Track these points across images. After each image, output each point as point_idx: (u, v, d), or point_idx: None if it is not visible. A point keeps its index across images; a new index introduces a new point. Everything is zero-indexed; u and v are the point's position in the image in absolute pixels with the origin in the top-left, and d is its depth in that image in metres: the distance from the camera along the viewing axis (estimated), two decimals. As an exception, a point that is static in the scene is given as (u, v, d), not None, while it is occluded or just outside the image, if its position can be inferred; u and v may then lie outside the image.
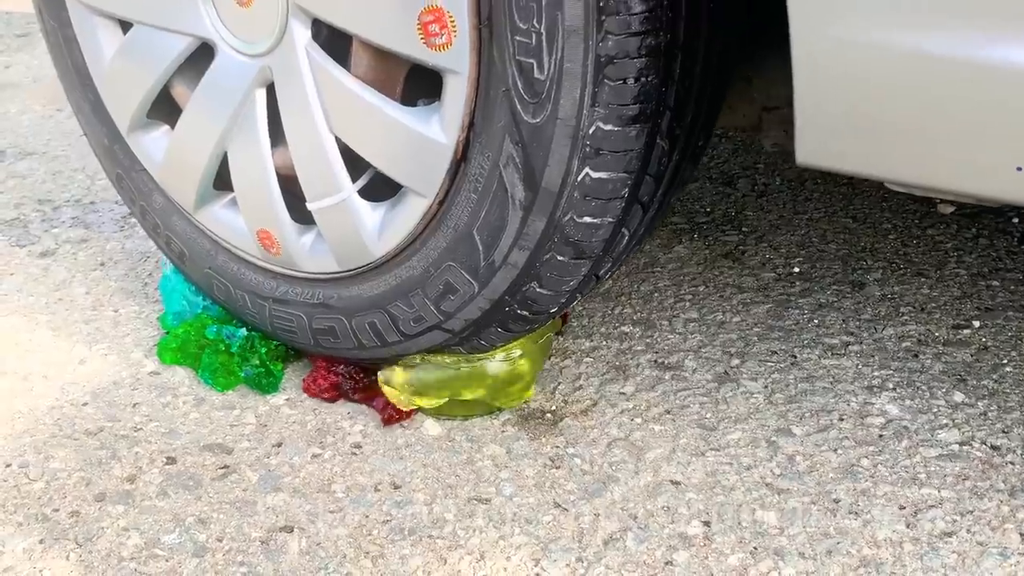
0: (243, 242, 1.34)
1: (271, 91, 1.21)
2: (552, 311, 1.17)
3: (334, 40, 1.14)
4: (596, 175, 1.02)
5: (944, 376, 1.33)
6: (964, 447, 1.21)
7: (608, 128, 0.99)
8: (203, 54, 1.25)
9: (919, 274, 1.56)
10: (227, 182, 1.32)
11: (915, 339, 1.41)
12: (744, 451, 1.22)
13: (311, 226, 1.27)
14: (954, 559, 1.05)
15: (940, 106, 0.83)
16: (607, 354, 1.41)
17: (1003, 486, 1.14)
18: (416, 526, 1.13)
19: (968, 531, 1.09)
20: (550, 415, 1.30)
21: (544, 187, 1.04)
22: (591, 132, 0.99)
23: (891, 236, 1.67)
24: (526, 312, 1.16)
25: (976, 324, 1.43)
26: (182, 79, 1.31)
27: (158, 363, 1.42)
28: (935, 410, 1.27)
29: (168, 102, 1.34)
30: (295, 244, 1.28)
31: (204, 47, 1.24)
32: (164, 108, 1.35)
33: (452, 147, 1.08)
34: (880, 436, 1.23)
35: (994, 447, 1.20)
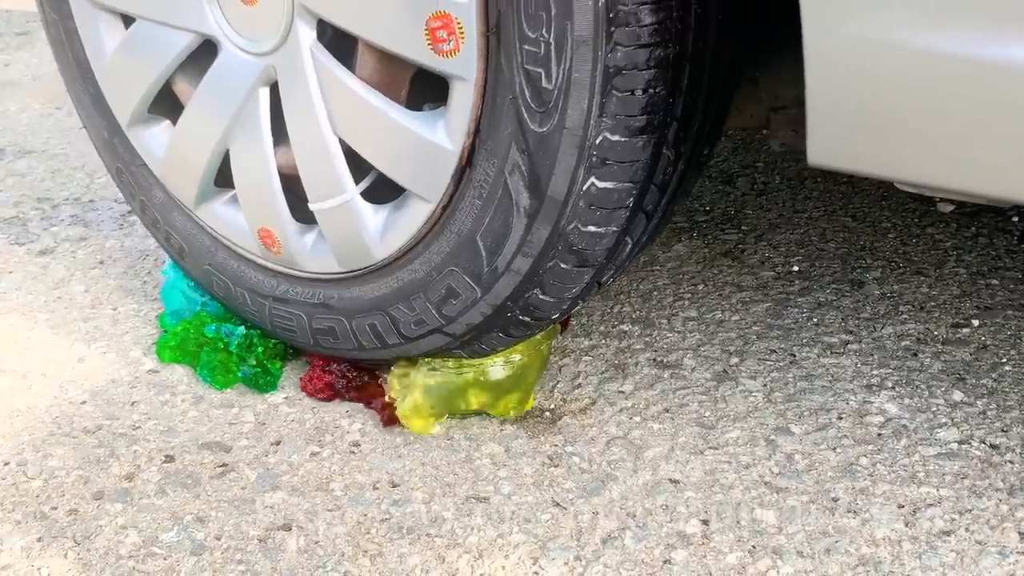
0: (244, 240, 1.34)
1: (274, 90, 1.20)
2: (554, 317, 1.17)
3: (339, 40, 1.13)
4: (602, 185, 1.01)
5: (943, 375, 1.33)
6: (963, 446, 1.20)
7: (615, 139, 0.99)
8: (206, 51, 1.24)
9: (918, 273, 1.56)
10: (228, 179, 1.31)
11: (914, 338, 1.41)
12: (743, 450, 1.22)
13: (312, 226, 1.26)
14: (953, 558, 1.05)
15: (956, 106, 0.82)
16: (606, 352, 1.41)
17: (1002, 485, 1.14)
18: (414, 524, 1.13)
19: (967, 530, 1.09)
20: (549, 413, 1.29)
21: (549, 195, 1.03)
22: (598, 142, 0.99)
23: (890, 235, 1.67)
24: (528, 318, 1.15)
25: (975, 323, 1.43)
26: (184, 75, 1.30)
27: (157, 361, 1.42)
28: (934, 409, 1.27)
29: (169, 97, 1.33)
30: (296, 244, 1.27)
31: (207, 44, 1.24)
32: (165, 103, 1.34)
33: (457, 153, 1.08)
34: (879, 435, 1.23)
35: (993, 446, 1.20)
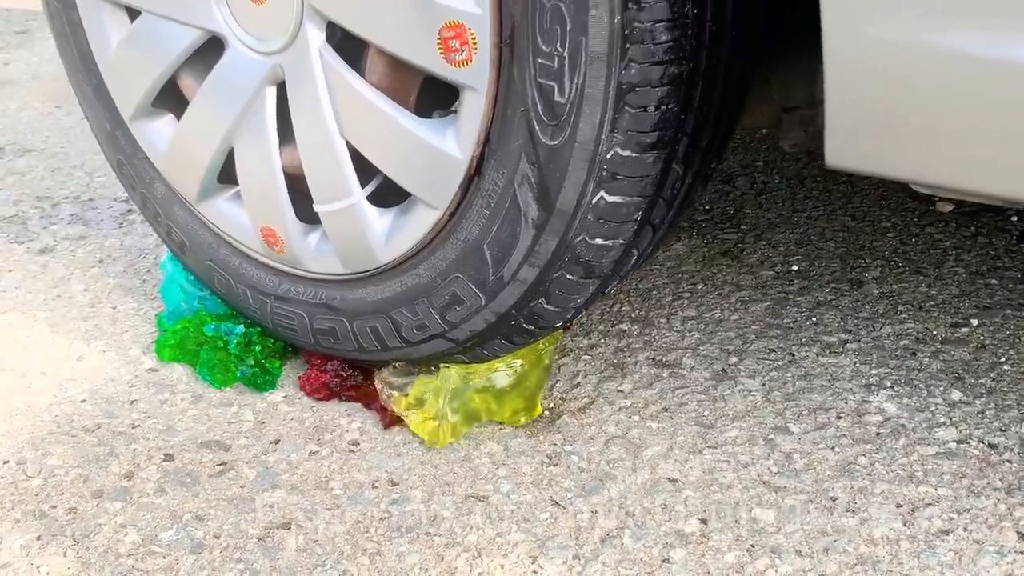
0: (246, 237, 1.33)
1: (281, 89, 1.19)
2: (557, 325, 1.17)
3: (348, 42, 1.13)
4: (611, 199, 1.01)
5: (942, 374, 1.33)
6: (961, 445, 1.21)
7: (626, 154, 0.99)
8: (212, 47, 1.23)
9: (917, 272, 1.56)
10: (231, 176, 1.30)
11: (913, 337, 1.41)
12: (741, 449, 1.22)
13: (316, 226, 1.26)
14: (951, 557, 1.05)
15: (979, 108, 0.82)
16: (605, 352, 1.41)
17: (1000, 484, 1.14)
18: (413, 523, 1.13)
19: (965, 529, 1.09)
20: (548, 412, 1.29)
21: (558, 208, 1.03)
22: (609, 157, 0.99)
23: (890, 234, 1.67)
24: (532, 326, 1.16)
25: (974, 322, 1.43)
26: (189, 70, 1.29)
27: (156, 360, 1.42)
28: (933, 408, 1.27)
29: (173, 91, 1.32)
30: (300, 243, 1.27)
31: (214, 40, 1.23)
32: (169, 97, 1.33)
33: (466, 162, 1.07)
34: (877, 434, 1.23)
35: (991, 445, 1.20)
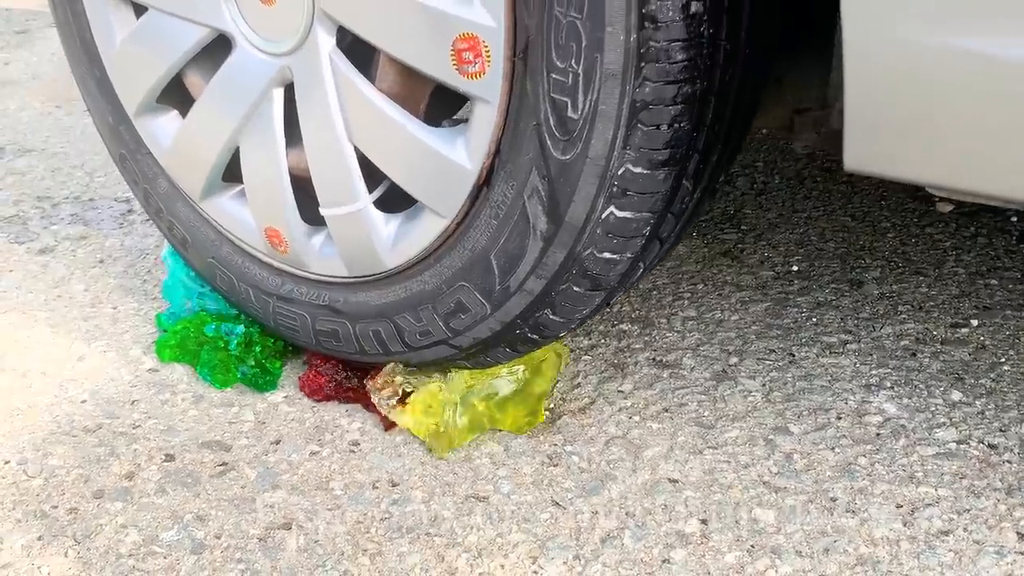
0: (250, 237, 1.32)
1: (289, 91, 1.19)
2: (560, 335, 1.17)
3: (358, 46, 1.12)
4: (621, 214, 1.02)
5: (942, 375, 1.33)
6: (961, 446, 1.21)
7: (637, 171, 0.99)
8: (220, 44, 1.22)
9: (917, 273, 1.56)
10: (236, 174, 1.29)
11: (913, 338, 1.41)
12: (742, 449, 1.22)
13: (321, 228, 1.25)
14: (951, 557, 1.05)
15: (1006, 112, 0.80)
16: (605, 352, 1.41)
17: (1000, 485, 1.14)
18: (414, 524, 1.13)
19: (965, 529, 1.09)
20: (548, 413, 1.29)
21: (567, 221, 1.03)
22: (620, 173, 0.99)
23: (890, 235, 1.67)
24: (536, 336, 1.16)
25: (974, 323, 1.43)
26: (196, 68, 1.28)
27: (157, 360, 1.42)
28: (933, 409, 1.27)
29: (179, 87, 1.31)
30: (304, 245, 1.26)
31: (222, 38, 1.22)
32: (174, 93, 1.32)
33: (476, 172, 1.07)
34: (878, 434, 1.23)
35: (991, 446, 1.20)
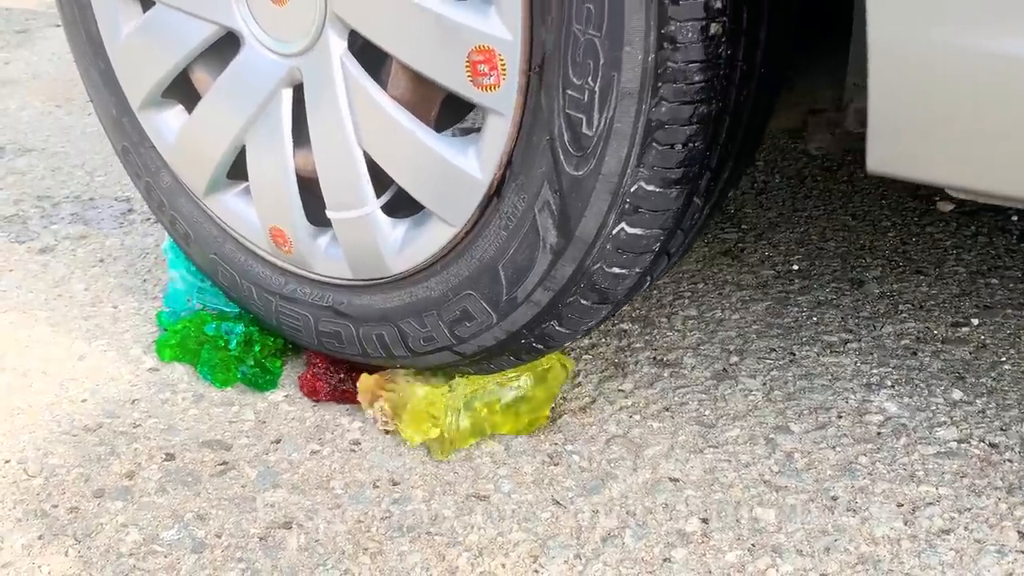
0: (254, 235, 1.31)
1: (298, 91, 1.17)
2: (565, 345, 1.17)
3: (370, 50, 1.11)
4: (632, 231, 1.02)
5: (943, 374, 1.33)
6: (962, 445, 1.21)
7: (650, 188, 0.99)
8: (229, 41, 1.21)
9: (918, 272, 1.56)
10: (241, 171, 1.28)
11: (914, 337, 1.41)
12: (742, 448, 1.22)
13: (326, 229, 1.24)
14: (952, 556, 1.05)
15: None
16: (606, 351, 1.41)
17: (1001, 484, 1.14)
18: (415, 523, 1.13)
19: (966, 528, 1.09)
20: (549, 412, 1.29)
21: (578, 236, 1.03)
22: (632, 191, 0.99)
23: (890, 234, 1.67)
24: (541, 345, 1.16)
25: (975, 322, 1.43)
26: (203, 64, 1.27)
27: (157, 359, 1.42)
28: (933, 408, 1.27)
29: (184, 81, 1.30)
30: (309, 246, 1.26)
31: (231, 35, 1.21)
32: (180, 87, 1.30)
33: (487, 183, 1.07)
34: (878, 433, 1.23)
35: (992, 445, 1.20)
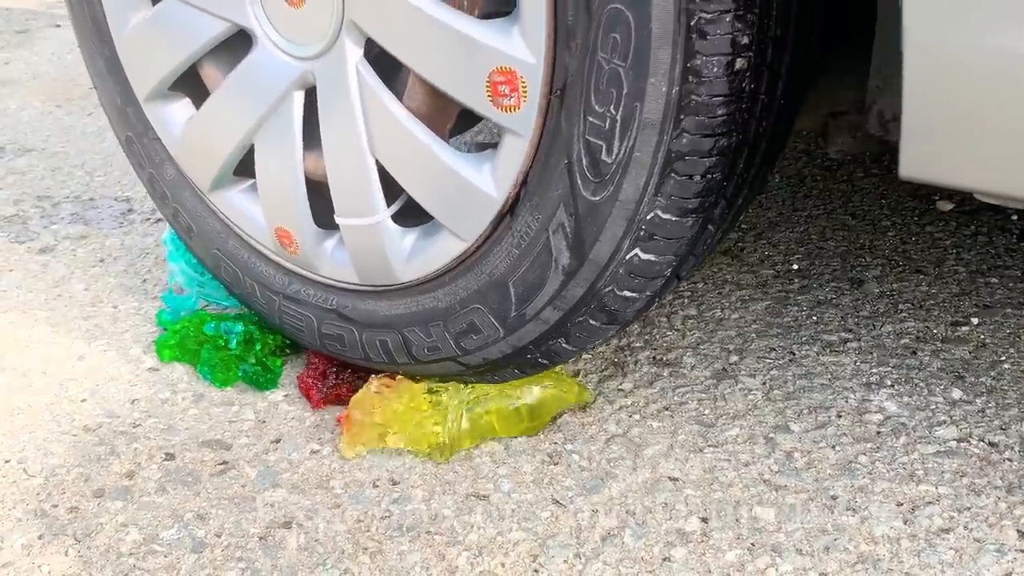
0: (259, 234, 1.31)
1: (310, 94, 1.17)
2: (569, 361, 1.17)
3: (385, 57, 1.09)
4: (645, 256, 1.02)
5: (942, 373, 1.33)
6: (962, 444, 1.21)
7: (666, 217, 0.99)
8: (240, 38, 1.20)
9: (918, 271, 1.56)
10: (248, 168, 1.27)
11: (913, 336, 1.41)
12: (742, 448, 1.22)
13: (333, 232, 1.23)
14: (951, 555, 1.05)
15: None
16: (605, 351, 1.41)
17: (1000, 483, 1.14)
18: (414, 522, 1.13)
19: (965, 527, 1.09)
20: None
21: (591, 259, 1.04)
22: (648, 218, 0.99)
23: (890, 233, 1.67)
24: (546, 361, 1.16)
25: (975, 321, 1.43)
26: (213, 60, 1.26)
27: (157, 359, 1.42)
28: (933, 407, 1.27)
29: (192, 74, 1.28)
30: (315, 248, 1.25)
31: (243, 33, 1.19)
32: (188, 81, 1.29)
33: (501, 201, 1.07)
34: (878, 433, 1.23)
35: (992, 444, 1.20)
